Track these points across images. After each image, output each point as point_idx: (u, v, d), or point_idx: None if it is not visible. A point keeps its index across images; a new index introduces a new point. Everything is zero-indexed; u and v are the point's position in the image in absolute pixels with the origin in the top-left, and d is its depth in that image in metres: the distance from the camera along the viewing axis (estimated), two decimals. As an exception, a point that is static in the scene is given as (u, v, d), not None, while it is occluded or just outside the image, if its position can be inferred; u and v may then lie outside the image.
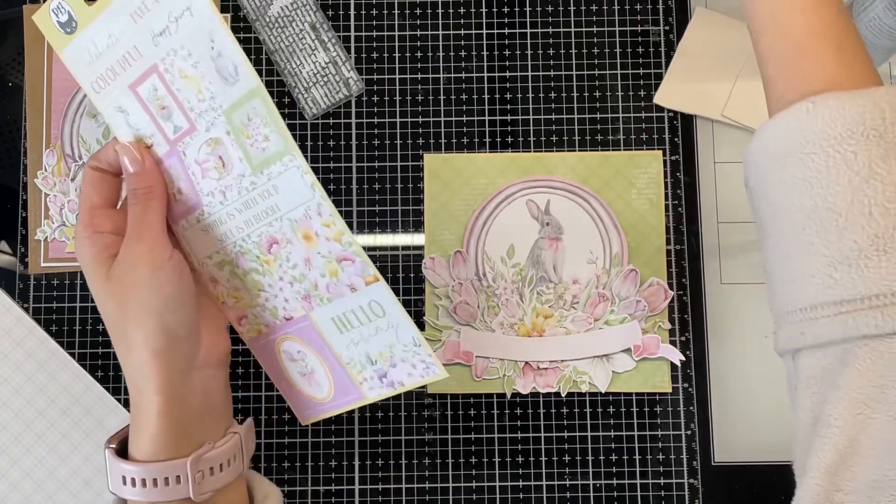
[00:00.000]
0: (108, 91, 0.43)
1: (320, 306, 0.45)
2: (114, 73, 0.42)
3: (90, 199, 0.43)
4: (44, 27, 0.42)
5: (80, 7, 0.41)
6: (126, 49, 0.41)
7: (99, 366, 0.57)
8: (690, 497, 0.56)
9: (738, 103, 0.59)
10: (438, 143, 0.60)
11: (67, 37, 0.42)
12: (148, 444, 0.41)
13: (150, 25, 0.40)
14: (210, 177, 0.43)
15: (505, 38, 0.61)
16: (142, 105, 0.43)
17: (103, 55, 0.42)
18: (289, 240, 0.44)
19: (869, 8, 0.55)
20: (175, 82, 0.41)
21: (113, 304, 0.41)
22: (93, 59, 0.42)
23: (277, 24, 0.60)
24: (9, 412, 0.56)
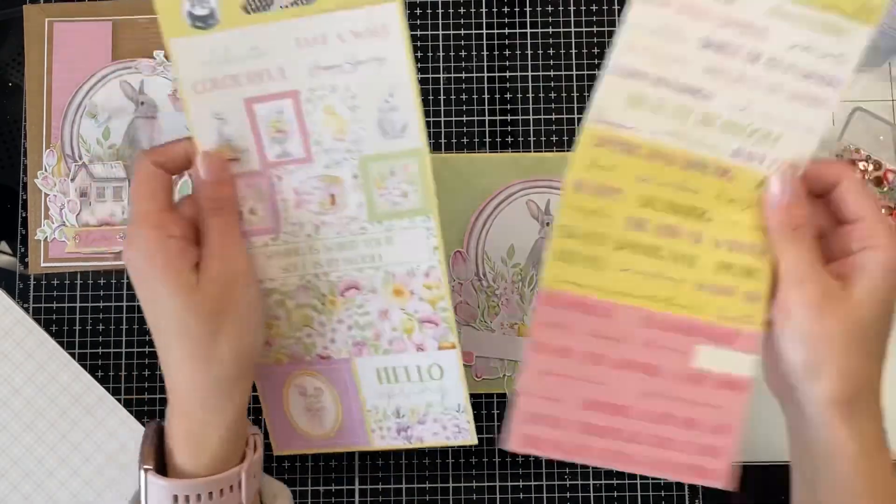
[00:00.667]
0: (211, 95, 0.40)
1: (370, 356, 0.45)
2: (235, 81, 0.40)
3: (157, 198, 0.41)
4: (165, 11, 0.40)
5: (232, 10, 0.39)
6: (267, 66, 0.40)
7: (99, 366, 0.57)
8: (690, 497, 0.56)
9: (739, 103, 0.59)
10: (438, 143, 0.60)
11: (192, 29, 0.40)
12: (209, 458, 0.40)
13: (316, 56, 0.40)
14: (308, 209, 0.43)
15: (505, 38, 0.61)
16: (251, 121, 0.41)
17: (232, 62, 0.40)
18: (373, 289, 0.44)
19: (869, 8, 0.55)
20: (313, 114, 0.41)
21: (200, 321, 0.39)
22: (215, 61, 0.40)
23: (277, 24, 0.60)
24: (9, 412, 0.56)
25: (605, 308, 0.41)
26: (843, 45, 0.39)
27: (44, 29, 0.60)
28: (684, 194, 0.41)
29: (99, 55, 0.60)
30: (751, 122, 0.40)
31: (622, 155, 0.40)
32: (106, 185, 0.58)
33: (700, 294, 0.42)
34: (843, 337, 0.38)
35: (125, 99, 0.59)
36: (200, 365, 0.40)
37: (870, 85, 0.60)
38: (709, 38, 0.39)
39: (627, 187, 0.41)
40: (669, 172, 0.40)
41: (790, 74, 0.39)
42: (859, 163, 0.57)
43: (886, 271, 0.38)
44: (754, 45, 0.39)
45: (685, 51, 0.39)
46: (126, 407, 0.57)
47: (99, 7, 0.60)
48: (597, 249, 0.41)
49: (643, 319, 0.42)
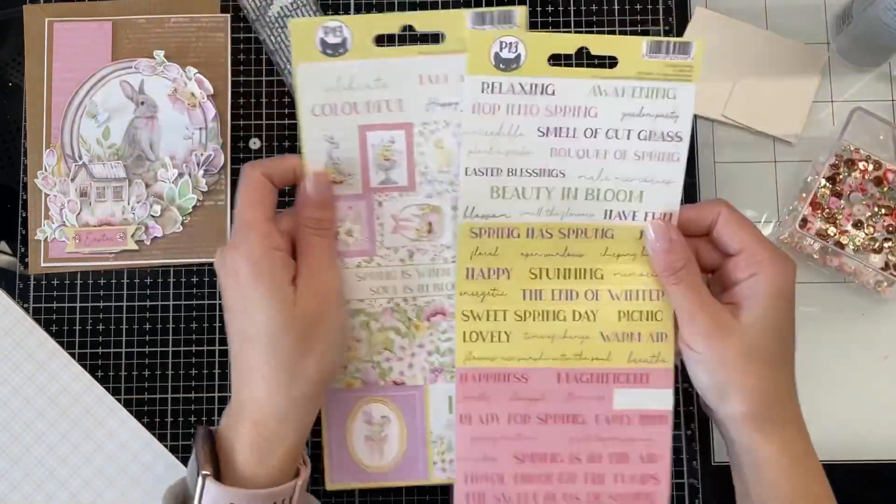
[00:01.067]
0: (328, 119, 0.43)
1: (446, 382, 0.47)
2: (353, 109, 0.43)
3: (263, 208, 0.42)
4: (298, 37, 0.42)
5: (363, 40, 0.42)
6: (387, 98, 0.43)
7: (99, 366, 0.57)
8: (690, 497, 0.56)
9: (738, 103, 0.59)
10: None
11: (321, 56, 0.42)
12: (272, 470, 0.41)
13: (435, 93, 0.43)
14: (404, 235, 0.45)
15: (505, 38, 0.61)
16: (361, 147, 0.43)
17: (354, 90, 0.42)
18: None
19: (869, 8, 0.55)
20: (423, 146, 0.44)
21: (293, 335, 0.40)
22: (338, 87, 0.42)
23: (277, 24, 0.60)
24: (9, 412, 0.56)
25: (520, 374, 0.45)
26: (672, 104, 0.43)
27: (44, 29, 0.60)
28: (571, 259, 0.45)
29: (99, 55, 0.60)
30: (609, 187, 0.44)
31: (501, 239, 0.44)
32: (106, 185, 0.58)
33: (607, 344, 0.45)
34: (740, 360, 0.41)
35: (125, 99, 0.59)
36: (285, 379, 0.40)
37: (870, 85, 0.60)
38: (543, 127, 0.43)
39: (515, 265, 0.45)
40: (550, 244, 0.44)
41: (631, 139, 0.43)
42: (859, 162, 0.57)
43: (773, 292, 0.42)
44: (587, 123, 0.43)
45: (526, 142, 0.43)
46: (126, 407, 0.57)
47: (99, 7, 0.60)
48: (499, 325, 0.45)
49: (558, 376, 0.45)
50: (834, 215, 0.56)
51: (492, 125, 0.43)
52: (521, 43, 0.42)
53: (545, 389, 0.46)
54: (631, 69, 0.43)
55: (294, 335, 0.40)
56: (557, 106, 0.43)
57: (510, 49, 0.42)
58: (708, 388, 0.43)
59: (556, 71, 0.43)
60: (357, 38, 0.42)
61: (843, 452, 0.56)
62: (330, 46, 0.42)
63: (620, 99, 0.43)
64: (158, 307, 0.58)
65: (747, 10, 0.61)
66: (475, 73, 0.42)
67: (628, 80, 0.43)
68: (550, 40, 0.43)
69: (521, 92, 0.43)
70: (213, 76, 0.59)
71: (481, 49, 0.42)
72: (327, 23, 0.42)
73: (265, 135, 0.60)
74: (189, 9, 0.60)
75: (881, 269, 0.55)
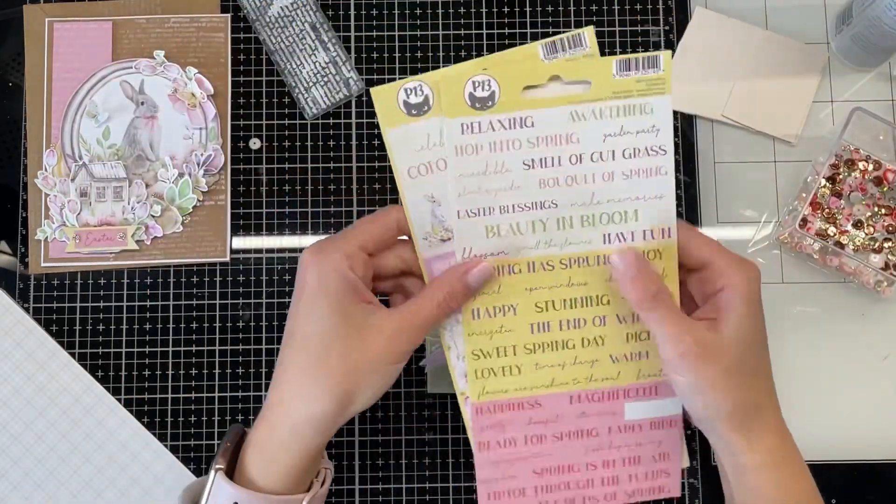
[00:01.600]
0: (425, 179, 0.43)
1: None
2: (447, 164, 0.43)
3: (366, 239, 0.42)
4: (382, 103, 0.43)
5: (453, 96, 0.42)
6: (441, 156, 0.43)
7: (99, 366, 0.57)
8: (690, 497, 0.56)
9: (738, 103, 0.59)
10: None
11: (406, 117, 0.43)
12: (278, 476, 0.41)
13: None
14: None
15: (505, 38, 0.61)
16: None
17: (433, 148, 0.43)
18: None
19: (869, 8, 0.55)
20: None
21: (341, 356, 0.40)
22: (429, 145, 0.43)
23: (277, 24, 0.60)
24: (9, 412, 0.56)
25: (533, 401, 0.46)
26: (651, 119, 0.43)
27: (44, 29, 0.60)
28: (575, 289, 0.45)
29: (99, 55, 0.60)
30: (603, 211, 0.44)
31: (504, 276, 0.44)
32: (106, 184, 0.58)
33: (616, 365, 0.46)
34: (724, 376, 0.41)
35: (125, 99, 0.59)
36: (317, 392, 0.40)
37: (870, 85, 0.60)
38: (528, 160, 0.43)
39: (520, 300, 0.45)
40: (553, 276, 0.44)
41: (616, 160, 0.43)
42: (859, 162, 0.57)
43: (745, 301, 0.42)
44: (570, 149, 0.43)
45: (514, 177, 0.43)
46: (126, 407, 0.57)
47: (99, 7, 0.61)
48: (509, 360, 0.45)
49: (570, 399, 0.46)
50: (834, 215, 0.56)
51: (477, 165, 0.43)
52: (493, 80, 0.42)
53: (559, 412, 0.46)
54: (605, 90, 0.42)
55: (338, 353, 0.40)
56: (539, 137, 0.43)
57: (483, 87, 0.42)
58: (693, 406, 0.43)
59: (531, 102, 0.42)
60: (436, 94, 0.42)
61: (843, 452, 0.56)
62: (414, 107, 0.43)
63: (599, 121, 0.43)
64: (158, 307, 0.58)
65: (747, 10, 0.61)
66: (453, 116, 0.42)
67: (603, 101, 0.42)
68: (522, 73, 0.43)
69: (500, 128, 0.42)
70: (213, 76, 0.59)
71: (455, 91, 0.42)
72: (406, 84, 0.42)
73: (265, 135, 0.60)
74: (189, 9, 0.60)
75: (881, 269, 0.55)
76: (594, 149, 0.43)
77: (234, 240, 0.58)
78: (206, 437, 0.57)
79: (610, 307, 0.45)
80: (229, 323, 0.58)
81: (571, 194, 0.43)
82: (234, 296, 0.58)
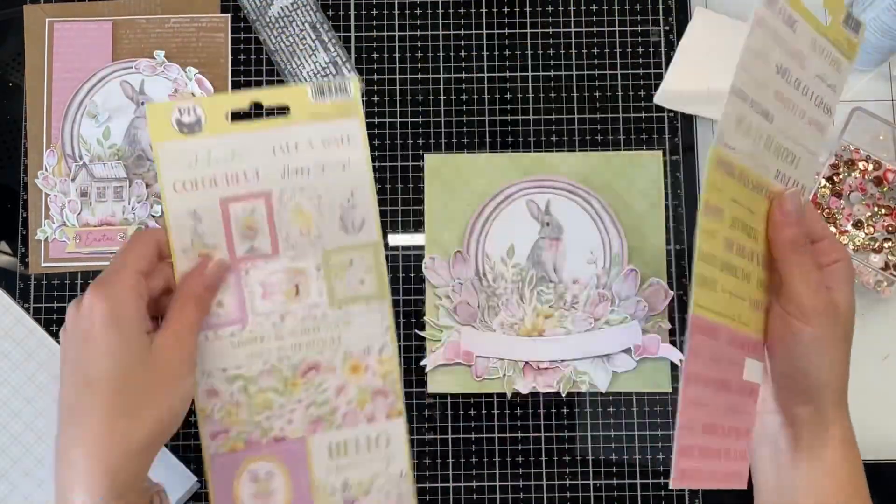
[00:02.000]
0: (190, 195, 0.44)
1: (325, 431, 0.47)
2: (212, 183, 0.44)
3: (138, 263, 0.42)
4: (155, 118, 0.43)
5: (216, 118, 0.43)
6: (244, 169, 0.44)
7: (99, 366, 0.57)
8: (690, 497, 0.56)
9: (739, 103, 0.59)
10: (438, 144, 0.60)
11: (178, 135, 0.43)
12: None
13: (288, 161, 0.44)
14: (273, 300, 0.46)
15: (505, 38, 0.61)
16: (224, 219, 0.44)
17: (211, 164, 0.44)
18: (332, 368, 0.47)
19: (869, 8, 0.55)
20: (282, 213, 0.45)
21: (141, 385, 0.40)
22: (196, 164, 0.44)
23: (277, 24, 0.60)
24: (9, 412, 0.56)
25: (714, 329, 0.41)
26: (838, 77, 0.43)
27: (44, 29, 0.60)
28: (751, 216, 0.43)
29: (99, 55, 0.60)
30: (787, 146, 0.43)
31: (726, 177, 0.41)
32: (106, 184, 0.58)
33: (752, 311, 0.43)
34: (845, 340, 0.42)
35: (125, 99, 0.59)
36: (126, 423, 0.40)
37: (870, 85, 0.60)
38: (780, 64, 0.41)
39: (726, 208, 0.42)
40: (747, 195, 0.42)
41: (812, 101, 0.43)
42: (859, 162, 0.57)
43: (851, 278, 0.43)
44: (799, 72, 0.42)
45: (767, 75, 0.41)
46: (126, 407, 0.57)
47: (99, 7, 0.61)
48: (712, 271, 0.41)
49: (730, 339, 0.42)
50: (834, 215, 0.56)
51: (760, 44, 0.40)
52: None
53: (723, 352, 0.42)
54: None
55: (141, 384, 0.40)
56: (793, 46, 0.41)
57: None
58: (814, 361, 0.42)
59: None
60: (210, 117, 0.43)
61: (843, 452, 0.56)
62: (186, 126, 0.44)
63: (820, 58, 0.43)
64: (158, 307, 0.58)
65: (747, 10, 0.61)
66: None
67: (829, 42, 0.42)
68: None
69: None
70: (213, 76, 0.59)
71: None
72: (182, 104, 0.43)
73: (265, 135, 0.60)
74: (189, 9, 0.60)
75: (881, 269, 0.55)
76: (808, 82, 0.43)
77: (235, 240, 0.58)
78: (206, 437, 0.57)
79: (758, 245, 0.43)
80: (229, 323, 0.58)
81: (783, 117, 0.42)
82: (235, 296, 0.58)
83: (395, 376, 0.47)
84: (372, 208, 0.45)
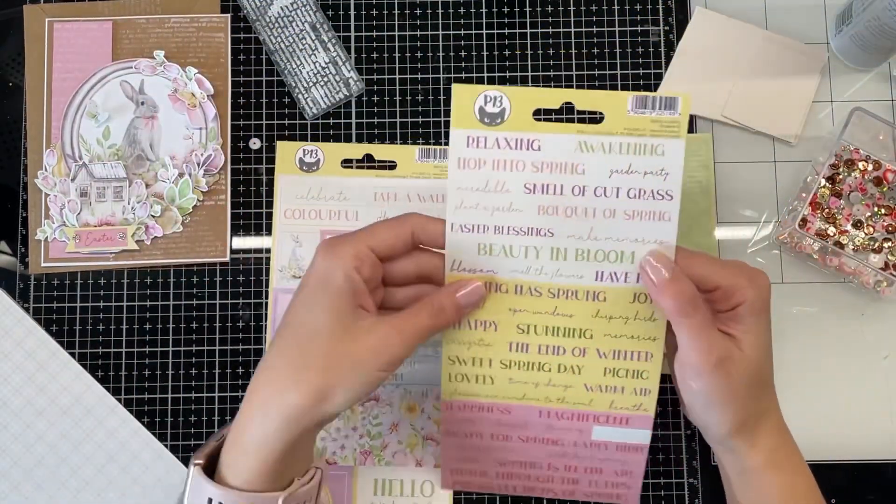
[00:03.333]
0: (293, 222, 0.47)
1: (374, 466, 0.50)
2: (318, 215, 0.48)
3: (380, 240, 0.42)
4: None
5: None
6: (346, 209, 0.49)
7: (99, 366, 0.57)
8: (690, 497, 0.56)
9: (738, 103, 0.59)
10: (438, 144, 0.60)
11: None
12: (251, 473, 0.40)
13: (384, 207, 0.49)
14: None
15: (505, 38, 0.61)
16: None
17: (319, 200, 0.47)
18: (390, 403, 0.49)
19: (869, 8, 0.55)
20: None
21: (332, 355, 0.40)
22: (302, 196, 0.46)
23: (277, 24, 0.60)
24: (9, 412, 0.56)
25: (503, 407, 0.46)
26: (661, 161, 0.41)
27: (44, 29, 0.60)
28: (560, 318, 0.44)
29: (99, 55, 0.60)
30: (600, 248, 0.42)
31: (490, 293, 0.43)
32: (106, 184, 0.58)
33: (590, 393, 0.45)
34: (745, 389, 0.42)
35: (125, 99, 0.59)
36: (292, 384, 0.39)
37: (870, 85, 0.60)
38: (530, 184, 0.42)
39: (502, 319, 0.44)
40: (539, 303, 0.43)
41: (620, 197, 0.42)
42: (859, 162, 0.57)
43: (762, 319, 0.42)
44: (574, 179, 0.41)
45: (512, 199, 0.42)
46: (126, 407, 0.57)
47: (99, 7, 0.61)
48: (484, 370, 0.45)
49: (540, 413, 0.46)
50: (834, 215, 0.56)
51: (477, 181, 0.42)
52: (505, 97, 0.41)
53: (527, 420, 0.46)
54: (617, 125, 0.41)
55: (326, 354, 0.39)
56: (544, 162, 0.41)
57: (494, 103, 0.41)
58: (706, 415, 0.43)
59: (541, 126, 0.41)
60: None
61: (843, 452, 0.56)
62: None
63: (607, 155, 0.41)
64: (158, 307, 0.58)
65: (747, 10, 0.61)
66: (460, 127, 0.42)
67: (614, 136, 0.41)
68: (535, 95, 0.42)
69: (506, 147, 0.41)
70: (213, 76, 0.59)
71: (466, 103, 0.41)
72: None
73: (265, 135, 0.60)
74: (189, 9, 0.60)
75: (881, 269, 0.55)
76: (599, 183, 0.41)
77: (234, 240, 0.58)
78: (206, 437, 0.57)
79: (592, 341, 0.44)
80: (229, 323, 0.58)
81: (570, 226, 0.42)
82: (234, 296, 0.58)
83: None
84: None
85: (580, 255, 0.42)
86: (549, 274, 0.43)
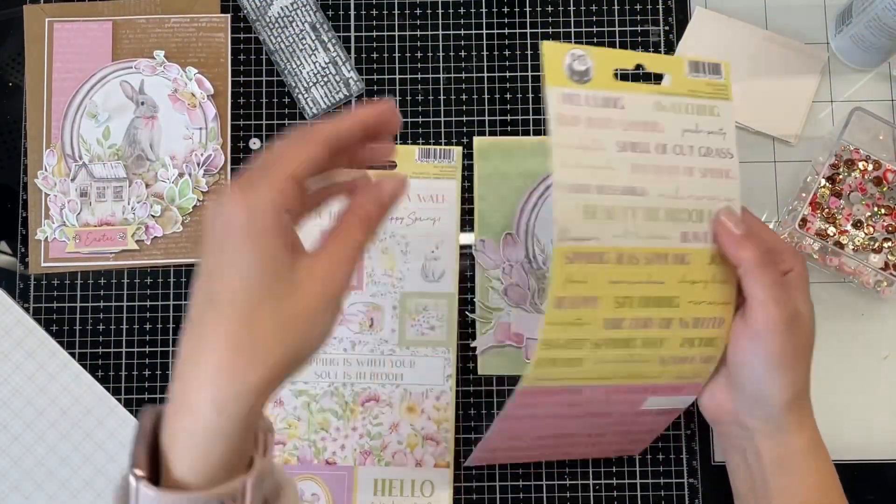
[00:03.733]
0: None
1: (374, 466, 0.50)
2: None
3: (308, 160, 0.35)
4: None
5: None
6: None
7: (99, 366, 0.57)
8: (690, 497, 0.56)
9: (739, 103, 0.59)
10: (438, 144, 0.60)
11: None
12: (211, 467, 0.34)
13: None
14: (349, 328, 0.51)
15: (505, 38, 0.61)
16: None
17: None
18: (390, 403, 0.50)
19: (869, 8, 0.55)
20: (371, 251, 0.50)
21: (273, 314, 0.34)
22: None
23: (277, 24, 0.60)
24: (9, 412, 0.56)
25: (577, 389, 0.45)
26: (718, 121, 0.44)
27: (44, 29, 0.60)
28: (653, 287, 0.43)
29: (99, 55, 0.60)
30: (685, 206, 0.43)
31: (593, 265, 0.42)
32: (106, 184, 0.58)
33: (662, 367, 0.45)
34: (807, 350, 0.43)
35: (125, 99, 0.59)
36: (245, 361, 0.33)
37: (869, 85, 0.60)
38: (621, 142, 0.42)
39: (603, 293, 0.43)
40: (637, 271, 0.43)
41: (694, 155, 0.43)
42: (859, 162, 0.57)
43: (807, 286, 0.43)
44: (656, 137, 0.43)
45: (608, 157, 0.42)
46: (126, 407, 0.57)
47: (99, 7, 0.61)
48: (576, 353, 0.44)
49: (607, 391, 0.46)
50: (833, 215, 0.56)
51: (577, 138, 0.41)
52: (588, 56, 0.42)
53: (592, 398, 0.46)
54: (682, 87, 0.43)
55: (272, 314, 0.34)
56: (629, 120, 0.42)
57: (581, 61, 0.42)
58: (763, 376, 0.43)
59: (621, 85, 0.42)
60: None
61: (843, 452, 0.56)
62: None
63: (679, 115, 0.43)
64: (158, 307, 0.58)
65: (747, 10, 0.61)
66: (554, 84, 0.41)
67: (681, 96, 0.43)
68: (613, 55, 0.43)
69: (595, 105, 0.42)
70: (213, 76, 0.59)
71: (556, 61, 0.41)
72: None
73: (265, 135, 0.60)
74: (189, 9, 0.60)
75: (881, 269, 0.55)
76: (676, 142, 0.43)
77: (234, 240, 0.58)
78: (206, 437, 0.57)
79: (678, 310, 0.44)
80: (229, 323, 0.58)
81: (659, 185, 0.42)
82: (234, 296, 0.58)
83: (448, 426, 0.49)
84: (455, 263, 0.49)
85: (669, 216, 0.43)
86: (644, 237, 0.42)
